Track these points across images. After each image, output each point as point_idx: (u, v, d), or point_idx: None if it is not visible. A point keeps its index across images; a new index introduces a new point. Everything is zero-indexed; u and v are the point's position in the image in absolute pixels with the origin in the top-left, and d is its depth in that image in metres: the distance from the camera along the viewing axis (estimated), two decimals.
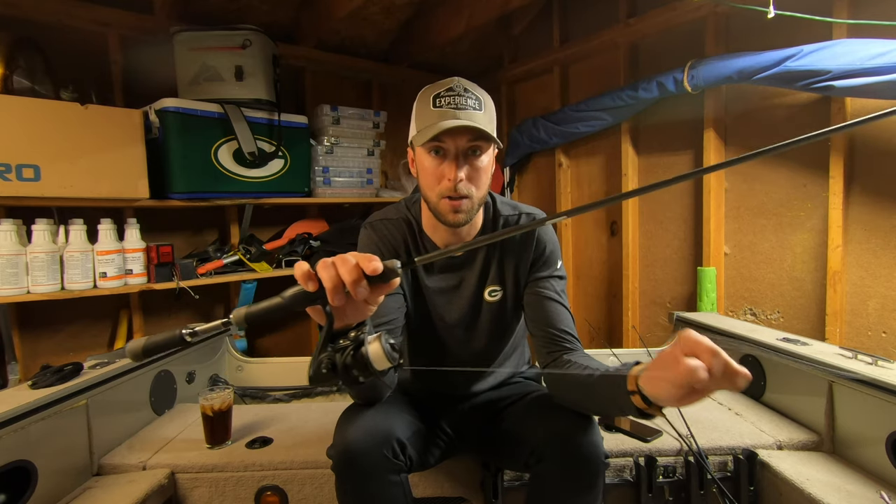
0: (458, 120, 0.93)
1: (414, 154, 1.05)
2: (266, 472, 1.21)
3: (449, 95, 0.96)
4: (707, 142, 2.10)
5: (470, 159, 0.97)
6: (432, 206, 1.01)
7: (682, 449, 1.21)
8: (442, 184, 0.97)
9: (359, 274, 0.60)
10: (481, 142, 0.97)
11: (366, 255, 0.62)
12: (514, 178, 3.12)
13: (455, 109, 0.95)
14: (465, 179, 0.96)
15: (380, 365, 0.65)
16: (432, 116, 0.95)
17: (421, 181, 1.03)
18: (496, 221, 1.12)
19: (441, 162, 0.97)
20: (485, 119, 0.97)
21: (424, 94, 1.00)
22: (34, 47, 1.87)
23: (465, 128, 0.94)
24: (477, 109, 0.96)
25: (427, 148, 0.97)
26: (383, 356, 0.64)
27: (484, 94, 1.01)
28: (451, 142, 0.95)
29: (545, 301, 1.06)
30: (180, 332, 0.65)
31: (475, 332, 1.14)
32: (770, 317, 2.00)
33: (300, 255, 2.45)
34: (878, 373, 1.12)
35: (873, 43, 1.53)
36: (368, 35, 2.77)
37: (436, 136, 0.94)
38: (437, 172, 0.98)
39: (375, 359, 0.64)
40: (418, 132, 0.98)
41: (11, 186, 1.65)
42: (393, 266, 0.62)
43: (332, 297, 0.60)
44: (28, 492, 1.03)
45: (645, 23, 2.27)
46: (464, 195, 0.97)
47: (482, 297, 1.11)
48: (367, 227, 1.13)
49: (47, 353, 2.01)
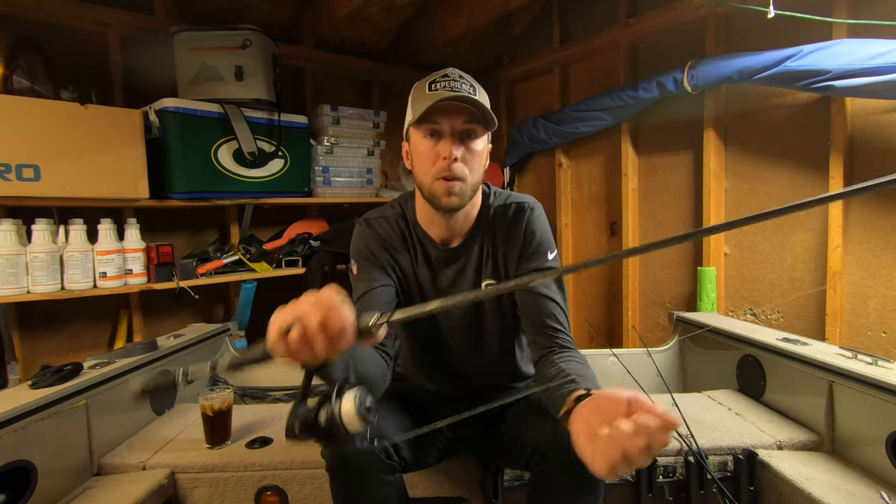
0: (455, 93, 0.94)
1: (409, 145, 1.05)
2: (266, 472, 1.21)
3: (444, 80, 0.98)
4: (707, 142, 2.10)
5: (465, 141, 0.98)
6: (426, 191, 1.01)
7: (682, 449, 1.21)
8: (437, 164, 0.97)
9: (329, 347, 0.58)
10: (476, 125, 0.98)
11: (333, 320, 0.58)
12: (513, 178, 3.12)
13: (450, 92, 0.95)
14: (459, 160, 0.97)
15: (351, 426, 0.61)
16: (428, 98, 0.96)
17: (416, 167, 1.03)
18: (487, 212, 1.10)
19: (436, 143, 0.98)
20: (479, 101, 0.97)
21: (420, 83, 1.02)
22: (34, 47, 1.87)
23: (461, 108, 0.95)
24: (472, 94, 0.97)
25: (423, 130, 0.98)
26: (355, 417, 0.61)
27: (478, 85, 1.02)
28: (447, 122, 0.96)
29: (533, 296, 1.03)
30: (173, 377, 0.67)
31: (476, 328, 1.13)
32: (770, 317, 2.00)
33: (300, 255, 2.45)
34: (878, 373, 1.12)
35: (873, 43, 1.53)
36: (368, 35, 2.77)
37: (431, 114, 0.94)
38: (432, 154, 0.98)
39: (348, 420, 0.61)
40: (413, 115, 0.99)
41: (11, 186, 1.65)
42: (365, 328, 0.59)
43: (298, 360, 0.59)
44: (28, 492, 1.03)
45: (645, 23, 2.27)
46: (458, 176, 0.97)
47: None
48: (361, 223, 1.12)
49: (47, 353, 2.01)
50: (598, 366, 1.73)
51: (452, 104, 0.95)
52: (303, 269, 2.43)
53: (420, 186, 1.03)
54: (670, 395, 1.45)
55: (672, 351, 1.86)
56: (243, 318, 2.32)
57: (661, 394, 1.50)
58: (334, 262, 2.45)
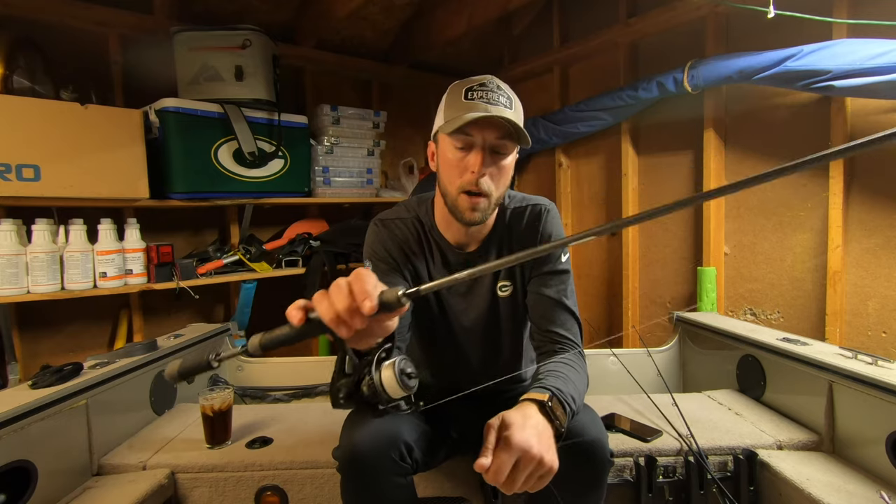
0: (490, 111, 0.93)
1: (437, 147, 1.04)
2: (266, 472, 1.21)
3: (482, 90, 0.96)
4: (707, 142, 2.10)
5: (495, 157, 0.97)
6: (450, 201, 1.00)
7: (682, 449, 1.21)
8: (464, 177, 0.96)
9: (353, 308, 0.58)
10: (508, 141, 0.96)
11: (363, 287, 0.59)
12: (514, 177, 3.11)
13: (487, 104, 0.94)
14: (487, 176, 0.96)
15: (394, 393, 0.63)
16: (463, 108, 0.95)
17: (442, 173, 1.02)
18: (504, 214, 1.10)
19: (466, 154, 0.97)
20: (514, 118, 0.96)
21: (456, 86, 1.00)
22: (34, 47, 1.87)
23: (495, 122, 0.93)
24: (508, 108, 0.96)
25: (454, 139, 0.97)
26: (396, 385, 0.63)
27: (515, 96, 1.01)
28: (479, 134, 0.95)
29: (543, 300, 1.05)
30: (208, 358, 0.68)
31: (492, 330, 1.13)
32: (770, 317, 2.00)
33: (300, 255, 2.45)
34: (878, 373, 1.12)
35: (873, 43, 1.53)
36: (368, 35, 2.77)
37: (465, 127, 0.93)
38: (460, 165, 0.97)
39: (388, 387, 0.63)
40: (446, 122, 0.97)
41: (11, 186, 1.65)
42: (392, 298, 0.59)
43: (336, 329, 0.59)
44: (28, 492, 1.03)
45: (645, 23, 2.27)
46: (484, 192, 0.96)
47: (496, 294, 1.11)
48: (377, 223, 1.11)
49: (47, 353, 2.01)
50: (598, 366, 1.74)
51: (487, 119, 0.93)
52: (303, 269, 2.43)
53: (444, 194, 1.02)
54: (670, 395, 1.45)
55: (672, 351, 1.86)
56: (243, 318, 2.32)
57: (661, 394, 1.50)
58: (334, 262, 2.45)
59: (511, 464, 0.70)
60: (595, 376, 1.14)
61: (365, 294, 0.58)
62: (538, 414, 0.79)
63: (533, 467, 0.71)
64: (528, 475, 0.71)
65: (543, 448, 0.72)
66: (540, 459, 0.71)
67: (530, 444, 0.71)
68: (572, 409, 0.86)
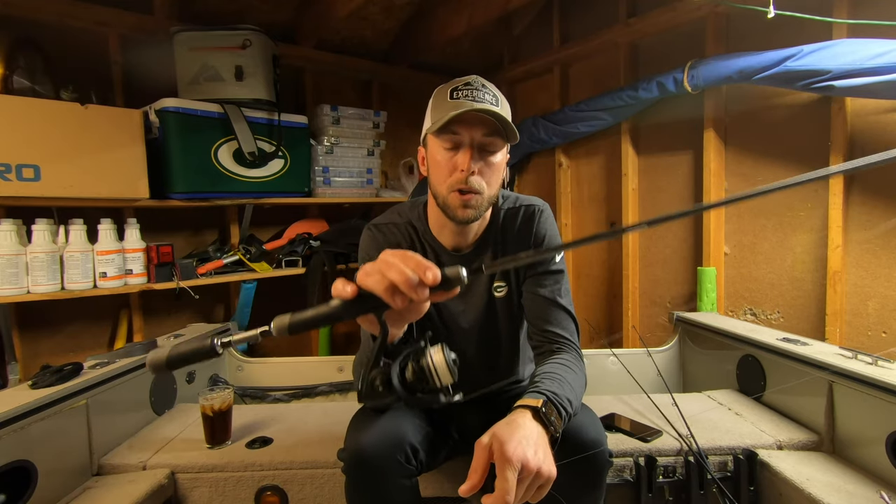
0: (477, 103, 0.93)
1: (426, 151, 1.04)
2: (266, 472, 1.21)
3: (467, 89, 0.96)
4: (707, 142, 2.10)
5: (484, 155, 0.97)
6: (441, 201, 1.00)
7: (682, 449, 1.21)
8: (454, 175, 0.96)
9: (413, 278, 0.57)
10: (496, 138, 0.96)
11: (421, 260, 0.58)
12: (514, 178, 3.12)
13: (472, 101, 0.94)
14: (477, 173, 0.96)
15: (444, 378, 0.61)
16: (449, 107, 0.94)
17: (431, 175, 1.02)
18: (498, 216, 1.10)
19: (454, 154, 0.97)
20: (501, 113, 0.96)
21: (441, 89, 1.00)
22: (34, 47, 1.87)
23: (482, 119, 0.93)
24: (494, 105, 0.96)
25: (442, 139, 0.97)
26: (446, 369, 0.60)
27: (501, 94, 1.01)
28: (467, 133, 0.95)
29: (538, 300, 1.05)
30: (211, 342, 0.57)
31: (490, 330, 1.13)
32: (770, 317, 2.00)
33: (300, 255, 2.45)
34: (878, 373, 1.12)
35: (873, 43, 1.53)
36: (368, 35, 2.77)
37: (451, 124, 0.93)
38: (449, 164, 0.97)
39: (440, 370, 0.60)
40: (433, 123, 0.97)
41: (11, 186, 1.65)
42: (457, 275, 0.57)
43: (391, 301, 0.57)
44: (28, 492, 1.03)
45: (645, 23, 2.27)
46: (475, 190, 0.96)
47: (493, 295, 1.11)
48: (371, 228, 1.11)
49: (47, 353, 2.01)
50: (598, 366, 1.74)
51: (473, 115, 0.93)
52: (303, 269, 2.43)
53: (435, 195, 1.02)
54: (670, 395, 1.45)
55: (672, 351, 1.86)
56: (243, 318, 2.32)
57: (661, 394, 1.50)
58: (334, 262, 2.45)
59: (514, 482, 0.69)
60: (595, 376, 1.14)
61: (426, 265, 0.58)
62: (531, 422, 0.78)
63: (531, 480, 0.71)
64: (527, 488, 0.71)
65: (540, 458, 0.72)
66: (538, 471, 0.71)
67: (526, 457, 0.71)
68: (568, 411, 0.86)
